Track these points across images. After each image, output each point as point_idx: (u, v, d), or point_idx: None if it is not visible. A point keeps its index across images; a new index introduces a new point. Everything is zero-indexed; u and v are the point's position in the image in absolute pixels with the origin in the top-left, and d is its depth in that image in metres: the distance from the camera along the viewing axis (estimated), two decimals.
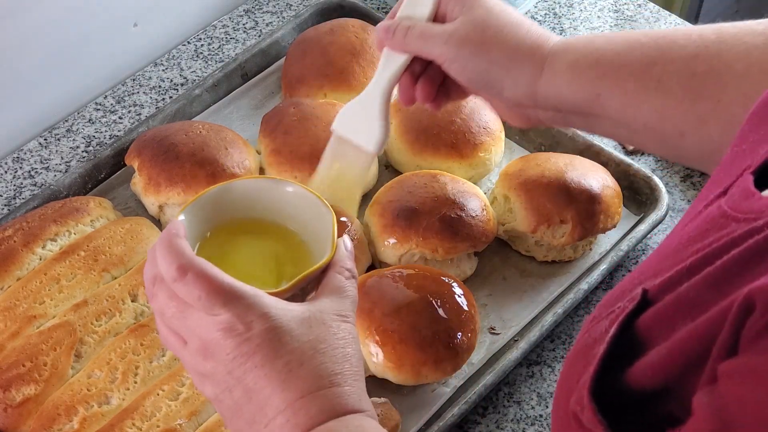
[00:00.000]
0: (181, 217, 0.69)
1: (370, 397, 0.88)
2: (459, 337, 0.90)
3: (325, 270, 0.69)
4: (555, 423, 0.63)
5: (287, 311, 0.65)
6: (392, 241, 0.99)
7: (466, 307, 0.92)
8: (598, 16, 1.31)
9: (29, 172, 1.14)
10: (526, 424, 0.94)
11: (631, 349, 0.56)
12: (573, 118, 0.86)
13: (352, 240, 0.84)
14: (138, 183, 1.06)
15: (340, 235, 0.71)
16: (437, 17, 0.87)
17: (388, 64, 0.87)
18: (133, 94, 1.22)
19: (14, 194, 1.12)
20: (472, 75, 0.85)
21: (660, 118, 0.80)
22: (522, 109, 0.87)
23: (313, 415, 0.63)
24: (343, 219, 0.97)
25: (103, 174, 1.10)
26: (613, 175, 1.06)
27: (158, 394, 0.87)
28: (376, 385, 0.92)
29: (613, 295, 0.62)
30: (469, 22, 0.84)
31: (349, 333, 0.67)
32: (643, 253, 1.06)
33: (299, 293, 0.69)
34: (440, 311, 0.91)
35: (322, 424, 0.63)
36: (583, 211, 1.00)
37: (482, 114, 1.08)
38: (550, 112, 0.86)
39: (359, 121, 0.87)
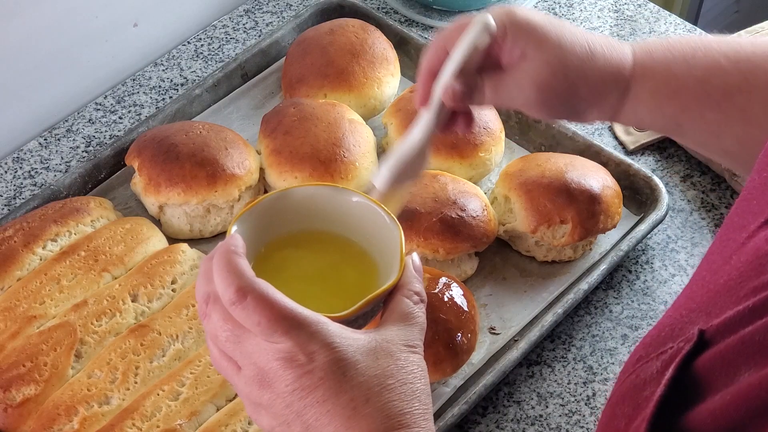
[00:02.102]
0: (235, 228, 0.64)
1: None
2: (459, 337, 0.90)
3: (391, 292, 0.64)
4: None
5: (353, 341, 0.60)
6: None
7: (466, 308, 0.92)
8: (598, 16, 1.31)
9: (29, 172, 1.14)
10: (526, 424, 0.94)
11: (689, 392, 0.53)
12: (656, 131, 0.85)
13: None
14: (138, 183, 1.06)
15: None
16: (491, 55, 0.82)
17: (438, 116, 0.81)
18: (133, 94, 1.22)
19: (14, 194, 1.12)
20: (557, 114, 0.83)
21: (742, 145, 0.78)
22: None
23: None
24: None
25: (103, 174, 1.10)
26: (613, 175, 1.06)
27: (158, 394, 0.87)
28: None
29: (659, 334, 0.58)
30: (546, 64, 0.79)
31: (418, 366, 0.62)
32: (644, 253, 1.06)
33: (362, 317, 0.64)
34: (440, 312, 0.91)
35: None
36: (584, 211, 1.00)
37: (482, 114, 1.08)
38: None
39: (407, 167, 0.80)
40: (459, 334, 0.90)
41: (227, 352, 0.62)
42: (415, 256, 0.67)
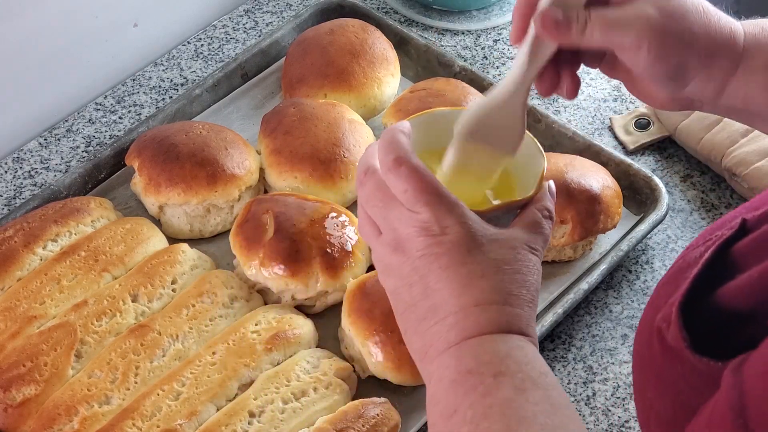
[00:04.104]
0: (407, 124, 0.71)
1: (370, 396, 0.88)
2: None
3: (525, 205, 0.71)
4: (637, 344, 0.65)
5: (483, 228, 0.66)
6: None
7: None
8: None
9: (29, 172, 1.14)
10: None
11: (724, 273, 0.57)
12: (750, 117, 0.77)
13: None
14: (138, 183, 1.06)
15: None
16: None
17: (534, 60, 0.71)
18: (133, 94, 1.22)
19: (14, 194, 1.12)
20: (665, 68, 0.72)
21: None
22: (688, 101, 0.77)
23: (482, 324, 0.64)
24: None
25: (103, 174, 1.10)
26: (613, 175, 1.06)
27: (158, 394, 0.87)
28: (376, 385, 0.92)
29: (712, 227, 0.63)
30: (663, 7, 0.70)
31: (534, 264, 0.68)
32: (644, 253, 1.06)
33: (495, 218, 0.70)
34: None
35: (487, 335, 0.64)
36: (583, 211, 1.00)
37: None
38: (721, 107, 0.77)
39: (493, 122, 0.73)
40: None
41: (373, 217, 0.69)
42: (552, 183, 0.73)
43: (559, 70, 0.74)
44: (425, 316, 0.66)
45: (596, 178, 1.02)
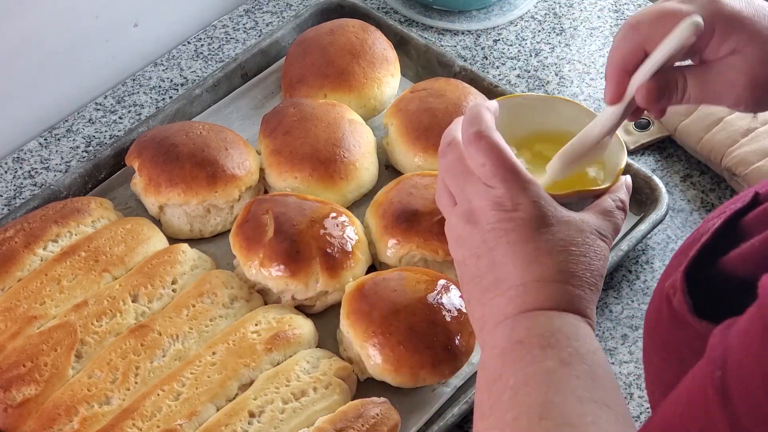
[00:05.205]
0: (495, 103, 0.75)
1: (369, 396, 0.88)
2: (458, 339, 0.90)
3: (599, 195, 0.74)
4: (649, 311, 0.68)
5: (554, 208, 0.69)
6: (393, 242, 0.99)
7: (465, 310, 0.92)
8: (598, 16, 1.31)
9: (29, 172, 1.14)
10: None
11: (733, 242, 0.59)
12: None
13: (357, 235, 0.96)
14: (138, 183, 1.06)
15: None
16: (693, 50, 0.76)
17: (626, 112, 0.77)
18: (133, 94, 1.22)
19: (14, 194, 1.12)
20: (755, 105, 0.77)
21: None
22: None
23: (541, 299, 0.66)
24: None
25: (103, 174, 1.10)
26: None
27: (158, 395, 0.88)
28: (375, 384, 0.92)
29: (729, 201, 0.66)
30: (760, 60, 0.74)
31: (602, 250, 0.70)
32: (644, 253, 1.06)
33: (568, 203, 0.72)
34: (439, 314, 0.91)
35: (545, 310, 0.66)
36: None
37: None
38: None
39: (584, 158, 0.79)
40: (458, 336, 0.91)
41: (450, 188, 0.72)
42: (629, 177, 0.77)
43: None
44: (488, 288, 0.68)
45: None
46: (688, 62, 0.78)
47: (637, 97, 0.75)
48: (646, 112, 0.84)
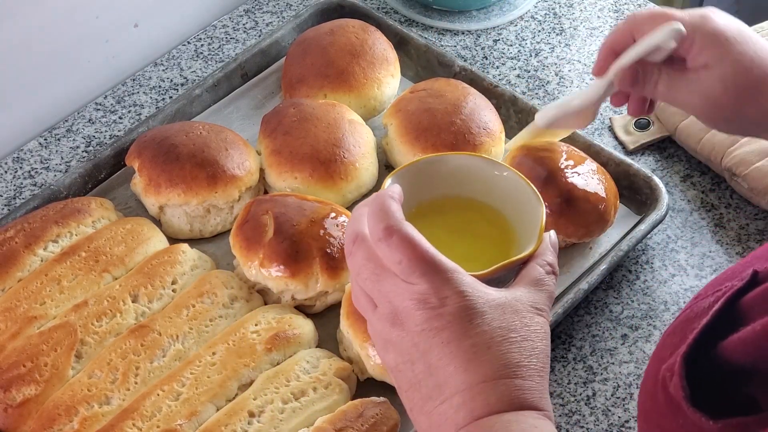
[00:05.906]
0: (390, 181, 0.70)
1: (369, 396, 0.88)
2: None
3: (526, 261, 0.69)
4: (642, 394, 0.64)
5: (483, 294, 0.63)
6: None
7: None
8: (598, 16, 1.31)
9: (29, 172, 1.14)
10: None
11: (732, 325, 0.56)
12: None
13: None
14: (138, 184, 1.06)
15: None
16: (679, 51, 0.84)
17: (609, 89, 0.90)
18: (133, 94, 1.22)
19: (14, 194, 1.12)
20: (724, 129, 0.86)
21: None
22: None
23: (491, 402, 0.61)
24: None
25: (103, 174, 1.10)
26: (612, 175, 1.06)
27: (158, 395, 0.88)
28: (375, 384, 0.92)
29: (722, 277, 0.63)
30: (720, 80, 0.79)
31: (541, 327, 0.65)
32: (644, 253, 1.06)
33: (496, 279, 0.68)
34: None
35: (498, 413, 0.61)
36: (583, 211, 1.00)
37: (482, 114, 1.08)
38: None
39: (566, 120, 0.95)
40: None
41: (366, 290, 0.66)
42: (553, 234, 0.71)
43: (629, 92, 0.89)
44: (430, 395, 0.63)
45: (594, 178, 1.02)
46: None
47: (615, 79, 0.86)
48: (646, 112, 0.90)
